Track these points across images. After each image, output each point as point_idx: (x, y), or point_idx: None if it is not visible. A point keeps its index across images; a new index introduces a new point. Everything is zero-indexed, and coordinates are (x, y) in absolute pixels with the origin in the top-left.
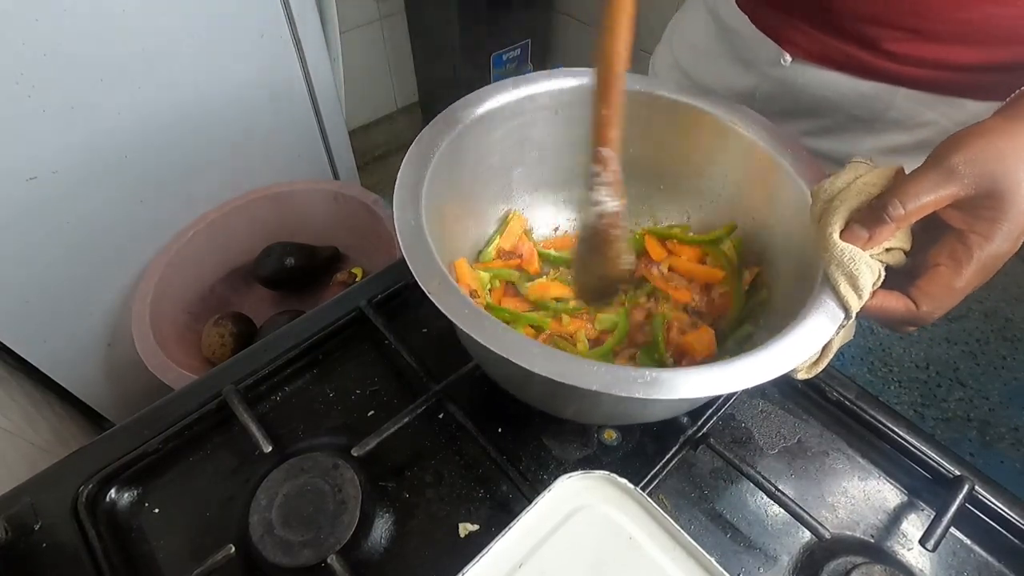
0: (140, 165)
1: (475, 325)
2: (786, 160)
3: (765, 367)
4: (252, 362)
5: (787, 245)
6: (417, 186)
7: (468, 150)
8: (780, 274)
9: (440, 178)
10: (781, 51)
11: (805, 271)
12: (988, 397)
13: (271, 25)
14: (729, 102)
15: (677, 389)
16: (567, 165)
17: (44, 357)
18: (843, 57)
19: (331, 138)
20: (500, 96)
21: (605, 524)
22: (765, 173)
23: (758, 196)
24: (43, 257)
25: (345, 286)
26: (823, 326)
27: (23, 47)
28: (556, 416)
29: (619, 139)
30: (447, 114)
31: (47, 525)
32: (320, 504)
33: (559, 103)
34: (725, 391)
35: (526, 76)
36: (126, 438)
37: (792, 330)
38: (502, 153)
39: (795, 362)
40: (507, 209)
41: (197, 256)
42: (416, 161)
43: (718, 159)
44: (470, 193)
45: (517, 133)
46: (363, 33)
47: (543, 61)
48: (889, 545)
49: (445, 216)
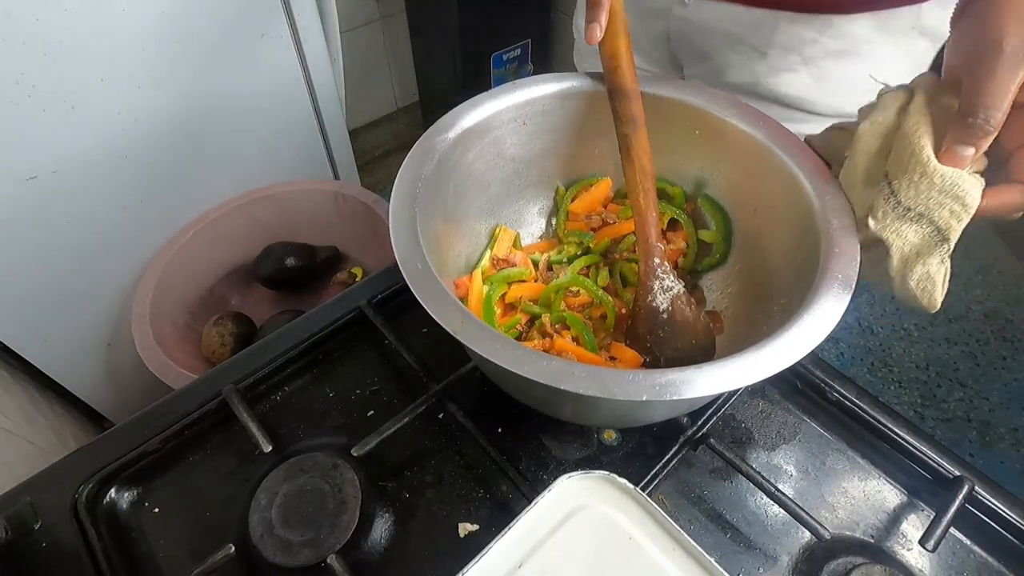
0: (140, 165)
1: (477, 341)
2: (765, 136)
3: (772, 360)
4: (252, 362)
5: (776, 226)
6: (412, 223)
7: (449, 175)
8: (768, 257)
9: (428, 209)
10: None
11: (801, 253)
12: (988, 397)
13: (271, 25)
14: (688, 84)
15: (687, 389)
16: (542, 173)
17: (44, 357)
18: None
19: (331, 138)
20: (471, 115)
21: (605, 524)
22: (746, 151)
23: (738, 174)
24: (43, 257)
25: (345, 286)
26: (829, 314)
27: (23, 47)
28: (556, 417)
29: (660, 233)
30: (423, 143)
31: (47, 525)
32: (320, 504)
33: (525, 114)
34: (729, 388)
35: (490, 92)
36: (126, 438)
37: (797, 321)
38: (480, 171)
39: (803, 352)
40: (494, 224)
41: (197, 256)
42: (405, 197)
43: (691, 141)
44: (458, 216)
45: (491, 149)
46: (363, 33)
47: (543, 61)
48: (889, 545)
49: (440, 243)
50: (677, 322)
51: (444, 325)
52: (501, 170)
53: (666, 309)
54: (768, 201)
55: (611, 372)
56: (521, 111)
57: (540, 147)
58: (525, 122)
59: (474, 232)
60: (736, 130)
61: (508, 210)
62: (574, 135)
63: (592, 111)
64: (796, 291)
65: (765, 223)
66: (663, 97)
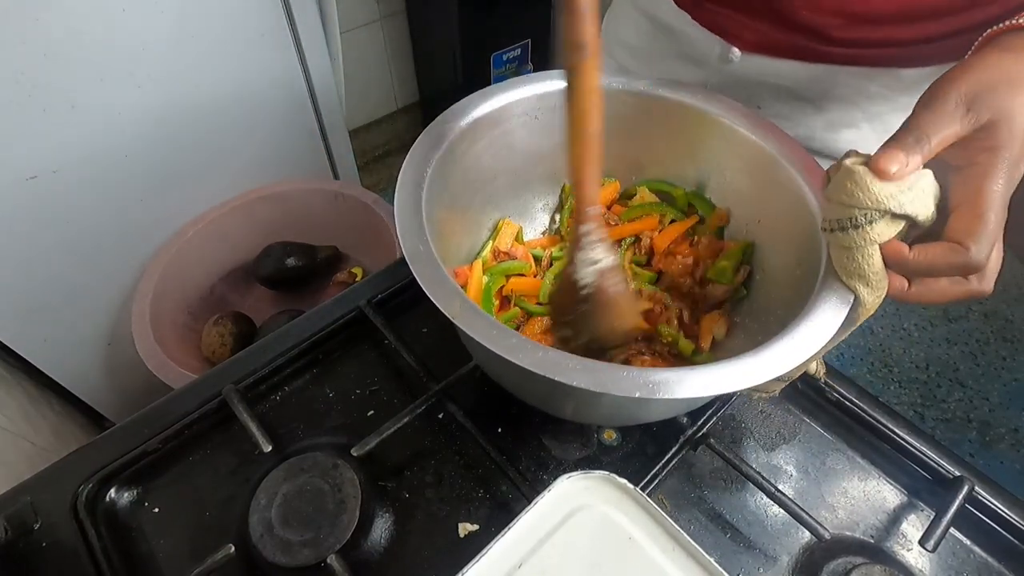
0: (140, 165)
1: (474, 326)
2: (775, 149)
3: (765, 366)
4: (252, 362)
5: (778, 239)
6: (416, 207)
7: (457, 163)
8: (768, 269)
9: (434, 195)
10: (728, 46)
11: (802, 268)
12: (988, 398)
13: (271, 25)
14: (702, 91)
15: (680, 389)
16: (550, 169)
17: (44, 357)
18: (791, 47)
19: (331, 138)
20: (483, 105)
21: (605, 524)
22: (754, 162)
23: (744, 184)
24: (43, 256)
25: (345, 286)
26: (828, 321)
27: (23, 47)
28: (556, 416)
29: (599, 192)
30: (433, 128)
31: (47, 525)
32: (320, 504)
33: (538, 108)
34: (722, 391)
35: (502, 84)
36: (126, 438)
37: (793, 331)
38: (488, 162)
39: (803, 358)
40: (497, 216)
41: (197, 256)
42: (411, 181)
43: (700, 149)
44: (462, 205)
45: (500, 141)
46: (363, 33)
47: (543, 61)
48: (889, 545)
49: (443, 231)
50: (598, 301)
51: (442, 308)
52: (509, 163)
53: (589, 284)
54: (772, 211)
55: (606, 367)
56: (533, 105)
57: (549, 143)
58: (537, 116)
59: (477, 223)
60: (743, 138)
61: (513, 204)
62: None
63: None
64: (796, 302)
65: (768, 234)
66: (673, 101)
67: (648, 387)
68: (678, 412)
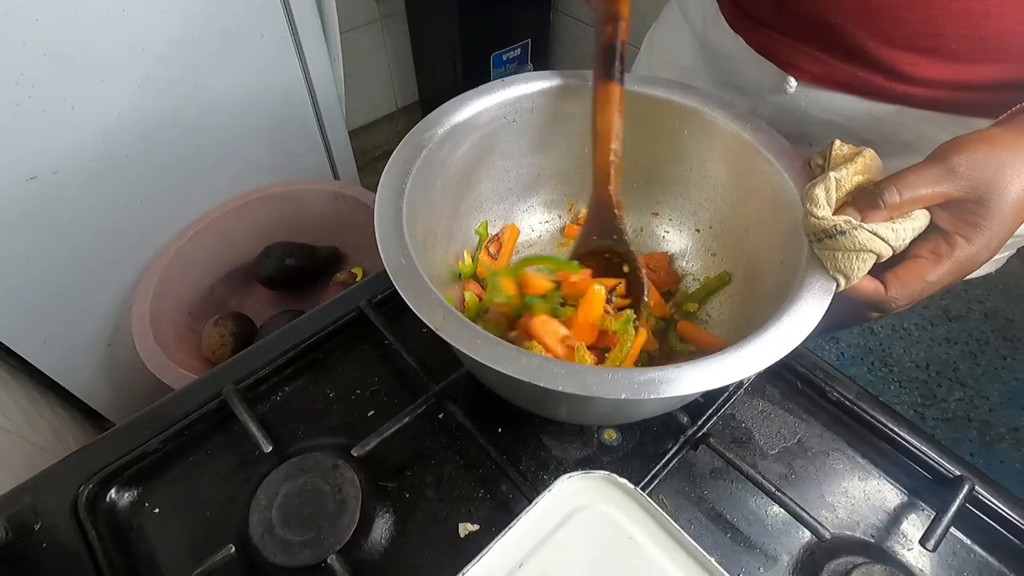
0: (140, 165)
1: (458, 337)
2: (761, 145)
3: (750, 360)
4: (252, 362)
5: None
6: (397, 219)
7: (436, 172)
8: (751, 263)
9: (415, 206)
10: (784, 75)
11: (787, 258)
12: (988, 397)
13: (271, 25)
14: (678, 84)
15: (666, 388)
16: (532, 170)
17: (44, 357)
18: (854, 80)
19: (331, 138)
20: (459, 112)
21: (605, 524)
22: (737, 156)
23: (728, 178)
24: (43, 257)
25: (345, 286)
26: (809, 316)
27: (23, 47)
28: (553, 419)
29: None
30: (410, 139)
31: (47, 525)
32: (320, 504)
33: (514, 112)
34: (708, 387)
35: (478, 89)
36: (126, 438)
37: (776, 323)
38: (469, 168)
39: (787, 349)
40: (482, 220)
41: (197, 256)
42: (391, 193)
43: (686, 146)
44: (444, 213)
45: (479, 146)
46: (363, 33)
47: (543, 61)
48: (889, 545)
49: (426, 241)
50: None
51: (426, 320)
52: (490, 167)
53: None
54: (755, 203)
55: (591, 370)
56: (509, 108)
57: (528, 145)
58: (514, 119)
59: (462, 229)
60: (724, 130)
61: (497, 208)
62: (564, 134)
63: (584, 108)
64: (780, 293)
65: (752, 224)
66: (653, 97)
67: (634, 388)
68: (674, 407)
